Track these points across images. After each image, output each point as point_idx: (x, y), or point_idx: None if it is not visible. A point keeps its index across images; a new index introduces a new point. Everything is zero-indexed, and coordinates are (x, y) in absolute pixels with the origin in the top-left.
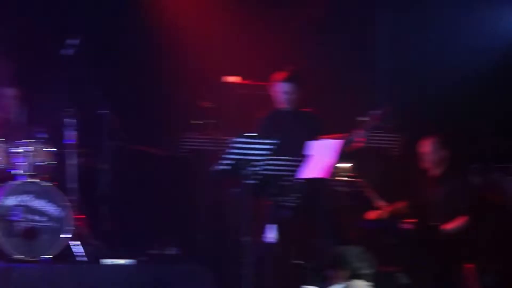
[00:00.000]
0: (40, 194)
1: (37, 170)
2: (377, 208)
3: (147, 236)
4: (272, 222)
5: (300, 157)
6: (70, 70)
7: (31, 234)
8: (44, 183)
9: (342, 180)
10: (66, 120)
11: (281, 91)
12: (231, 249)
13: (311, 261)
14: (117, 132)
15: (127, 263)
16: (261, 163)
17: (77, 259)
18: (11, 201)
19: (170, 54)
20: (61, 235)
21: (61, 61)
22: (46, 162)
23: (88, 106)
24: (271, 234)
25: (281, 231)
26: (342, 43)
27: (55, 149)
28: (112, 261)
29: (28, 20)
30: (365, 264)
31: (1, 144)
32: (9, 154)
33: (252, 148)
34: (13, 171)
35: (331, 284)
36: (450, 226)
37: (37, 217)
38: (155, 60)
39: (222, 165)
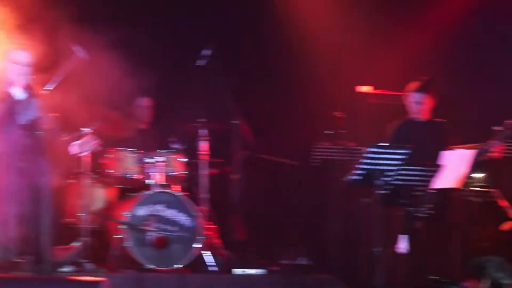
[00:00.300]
0: (171, 204)
1: (169, 180)
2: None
3: (278, 246)
4: (404, 232)
5: (432, 167)
6: (203, 80)
7: (162, 243)
8: (176, 193)
9: (475, 190)
10: (199, 130)
11: (413, 101)
12: (362, 260)
13: (445, 273)
14: (249, 142)
15: (258, 273)
16: (393, 173)
17: (208, 268)
18: (143, 211)
19: (303, 63)
20: (192, 245)
21: (195, 71)
22: (178, 172)
23: (220, 116)
24: (403, 245)
25: (413, 242)
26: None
27: (187, 159)
28: (243, 271)
29: (163, 31)
30: (505, 275)
31: (136, 154)
32: (143, 164)
33: (385, 158)
34: (146, 181)
35: None
36: None
37: (168, 227)
38: (287, 69)
39: (355, 175)
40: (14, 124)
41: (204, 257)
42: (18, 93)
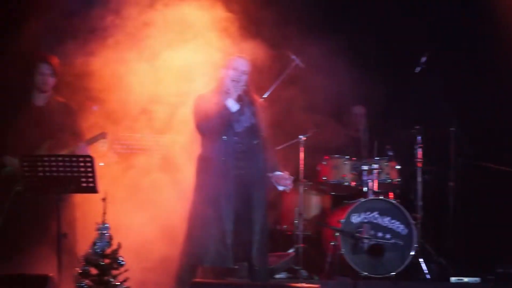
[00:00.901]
0: (386, 211)
1: (383, 187)
2: None
3: (494, 254)
4: None
5: None
6: (419, 86)
7: (377, 251)
8: (390, 200)
9: None
10: (414, 137)
11: None
12: None
13: None
14: (466, 149)
15: (474, 281)
16: None
17: (423, 276)
18: (358, 218)
19: None
20: (407, 253)
21: (411, 78)
22: (392, 179)
23: (437, 122)
24: None
25: None
26: None
27: (400, 166)
28: (458, 279)
29: (379, 39)
30: None
31: (351, 162)
32: (358, 171)
33: None
34: (361, 188)
35: None
36: None
37: (383, 234)
38: (508, 73)
39: None
40: (231, 132)
41: (419, 265)
42: (233, 104)
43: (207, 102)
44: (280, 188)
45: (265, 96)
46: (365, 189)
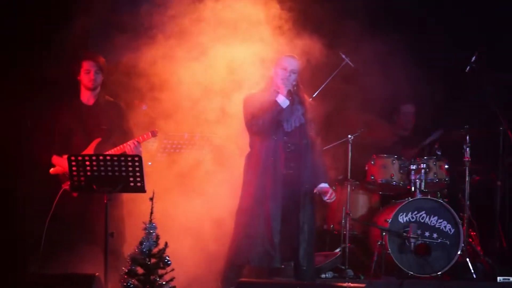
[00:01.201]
0: (434, 210)
1: (431, 187)
2: None
3: None
4: None
5: None
6: (468, 85)
7: (424, 250)
8: (438, 200)
9: None
10: (463, 136)
11: None
12: None
13: None
14: None
15: None
16: None
17: (470, 276)
18: (405, 217)
19: None
20: (454, 252)
21: (460, 77)
22: (440, 179)
23: (486, 122)
24: None
25: None
26: None
27: (448, 166)
28: (506, 279)
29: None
30: None
31: (399, 161)
32: (406, 171)
33: None
34: (409, 188)
35: None
36: None
37: (430, 234)
38: None
39: None
40: (280, 131)
41: (466, 264)
42: (284, 100)
43: (257, 100)
44: (325, 198)
45: (315, 95)
46: (413, 188)
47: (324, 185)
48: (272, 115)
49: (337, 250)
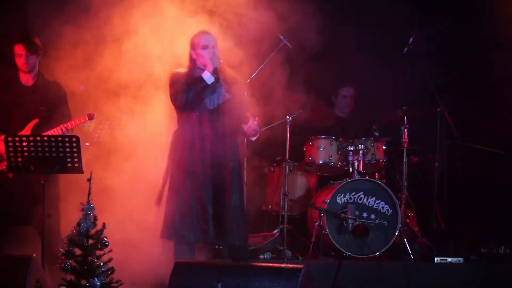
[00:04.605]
0: (371, 191)
1: (369, 168)
2: None
3: (479, 235)
4: None
5: None
6: (405, 67)
7: (361, 231)
8: (375, 181)
9: None
10: (401, 117)
11: None
12: None
13: None
14: (451, 130)
15: (458, 262)
16: None
17: (407, 257)
18: (343, 198)
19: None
20: (391, 233)
21: (397, 58)
22: (378, 160)
23: (423, 103)
24: None
25: None
26: None
27: (386, 147)
28: (442, 260)
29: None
30: None
31: (337, 142)
32: (344, 152)
33: None
34: (346, 169)
35: None
36: None
37: (366, 215)
38: (496, 54)
39: None
40: (204, 108)
41: (403, 245)
42: (209, 76)
43: (182, 76)
44: (252, 138)
45: (253, 75)
46: (351, 169)
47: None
48: (196, 91)
49: (275, 231)
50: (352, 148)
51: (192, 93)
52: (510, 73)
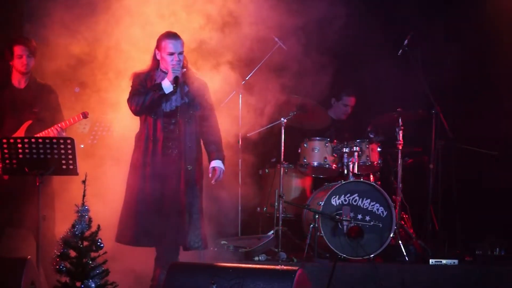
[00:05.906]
0: (366, 193)
1: (364, 170)
2: None
3: (474, 236)
4: None
5: None
6: (400, 69)
7: (356, 233)
8: (369, 183)
9: None
10: (396, 119)
11: None
12: None
13: None
14: (446, 132)
15: (453, 263)
16: None
17: (401, 259)
18: (338, 200)
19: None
20: (386, 235)
21: (392, 60)
22: (373, 162)
23: (418, 105)
24: None
25: None
26: None
27: (380, 149)
28: (437, 261)
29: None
30: None
31: (332, 144)
32: (338, 154)
33: None
34: (341, 171)
35: None
36: None
37: (361, 216)
38: (487, 55)
39: None
40: (160, 111)
41: (398, 247)
42: (169, 85)
43: (143, 79)
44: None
45: (247, 77)
46: (345, 171)
47: (213, 163)
48: (153, 98)
49: (270, 232)
50: (347, 150)
51: (148, 100)
52: (503, 75)
